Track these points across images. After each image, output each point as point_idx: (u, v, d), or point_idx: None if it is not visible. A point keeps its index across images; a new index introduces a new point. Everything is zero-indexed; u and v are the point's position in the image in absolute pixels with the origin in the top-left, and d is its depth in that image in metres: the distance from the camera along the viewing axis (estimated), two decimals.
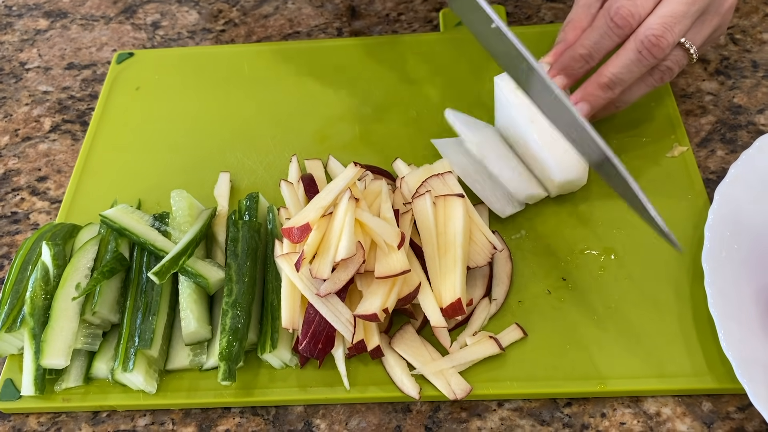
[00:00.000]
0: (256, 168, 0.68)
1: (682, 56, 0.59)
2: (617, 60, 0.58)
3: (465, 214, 0.54)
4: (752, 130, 0.67)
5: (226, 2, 0.86)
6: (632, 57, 0.57)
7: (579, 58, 0.59)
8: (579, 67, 0.60)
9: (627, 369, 0.52)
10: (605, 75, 0.58)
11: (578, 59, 0.59)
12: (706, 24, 0.59)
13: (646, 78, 0.60)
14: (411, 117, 0.70)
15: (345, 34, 0.81)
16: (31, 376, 0.54)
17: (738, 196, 0.58)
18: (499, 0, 0.81)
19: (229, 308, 0.54)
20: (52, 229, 0.61)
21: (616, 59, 0.58)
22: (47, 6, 0.89)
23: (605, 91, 0.58)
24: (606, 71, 0.58)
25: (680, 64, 0.59)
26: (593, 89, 0.59)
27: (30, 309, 0.55)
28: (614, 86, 0.58)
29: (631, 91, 0.61)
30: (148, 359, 0.54)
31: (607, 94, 0.59)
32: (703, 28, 0.59)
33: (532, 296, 0.57)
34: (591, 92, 0.59)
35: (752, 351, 0.51)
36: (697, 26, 0.58)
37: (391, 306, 0.51)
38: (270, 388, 0.54)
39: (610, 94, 0.59)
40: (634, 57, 0.57)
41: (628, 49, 0.57)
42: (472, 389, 0.52)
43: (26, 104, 0.79)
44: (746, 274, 0.55)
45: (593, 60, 0.59)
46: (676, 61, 0.59)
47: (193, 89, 0.76)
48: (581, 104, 0.59)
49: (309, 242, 0.52)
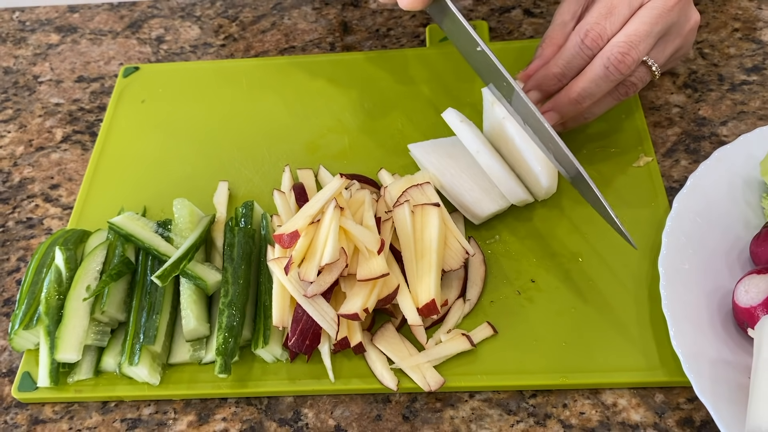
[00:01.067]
0: (252, 176, 0.73)
1: (645, 73, 0.64)
2: (585, 75, 0.62)
3: (440, 222, 0.59)
4: (715, 141, 0.71)
5: (226, 17, 0.92)
6: (599, 73, 0.61)
7: (552, 76, 0.64)
8: (552, 84, 0.64)
9: (587, 363, 0.57)
10: (574, 90, 0.63)
11: (552, 78, 0.64)
12: (669, 44, 0.64)
13: (613, 92, 0.64)
14: (397, 128, 0.75)
15: (337, 49, 0.86)
16: (46, 369, 0.60)
17: (694, 206, 0.63)
18: (482, 16, 0.86)
19: (225, 308, 0.59)
20: (64, 235, 0.67)
21: (585, 75, 0.62)
22: (58, 21, 0.95)
23: (574, 104, 0.63)
24: (575, 86, 0.63)
25: (643, 81, 0.64)
26: (563, 102, 0.63)
27: (45, 308, 0.61)
28: (583, 100, 0.63)
29: (598, 104, 0.65)
30: (152, 354, 0.60)
31: (575, 107, 0.63)
32: (666, 48, 0.64)
33: (504, 297, 0.62)
34: (561, 104, 0.64)
35: (700, 348, 0.55)
36: (660, 45, 0.63)
37: (371, 306, 0.56)
38: (262, 380, 0.60)
39: (579, 107, 0.63)
40: (602, 73, 0.61)
41: (596, 65, 0.61)
42: (445, 382, 0.57)
43: (39, 116, 0.84)
44: (699, 278, 0.59)
45: (566, 78, 0.64)
46: (640, 77, 0.64)
47: (195, 102, 0.81)
48: (551, 113, 0.64)
49: (297, 248, 0.57)
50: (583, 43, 0.62)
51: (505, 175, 0.63)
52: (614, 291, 0.61)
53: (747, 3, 0.83)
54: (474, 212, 0.64)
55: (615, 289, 0.61)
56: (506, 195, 0.64)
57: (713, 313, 0.58)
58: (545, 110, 0.64)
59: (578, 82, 0.63)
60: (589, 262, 0.63)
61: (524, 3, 0.87)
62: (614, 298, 0.61)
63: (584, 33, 0.61)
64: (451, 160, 0.67)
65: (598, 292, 0.61)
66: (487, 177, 0.65)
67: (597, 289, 0.61)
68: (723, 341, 0.56)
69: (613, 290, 0.61)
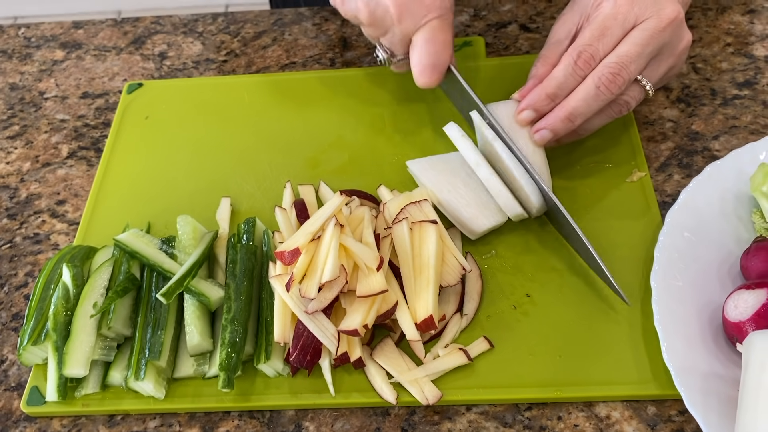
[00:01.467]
0: (254, 192, 0.75)
1: (638, 91, 0.65)
2: (577, 95, 0.64)
3: (438, 238, 0.61)
4: (707, 155, 0.73)
5: (228, 33, 0.93)
6: (591, 92, 0.63)
7: (545, 96, 0.65)
8: (546, 104, 0.66)
9: (581, 377, 0.59)
10: (566, 108, 0.64)
11: (545, 98, 0.65)
12: (662, 63, 0.65)
13: (606, 110, 0.66)
14: (396, 143, 0.77)
15: (337, 64, 0.87)
16: (54, 383, 0.61)
17: (686, 221, 0.64)
18: (479, 31, 0.87)
19: (228, 324, 0.60)
20: (71, 251, 0.69)
21: (576, 94, 0.64)
22: (63, 37, 0.96)
23: (566, 123, 0.65)
24: (567, 105, 0.64)
25: (637, 99, 0.66)
26: (555, 120, 0.65)
27: (53, 324, 0.62)
28: (575, 119, 0.64)
29: (591, 122, 0.67)
30: (157, 369, 0.61)
31: (567, 125, 0.65)
32: (659, 67, 0.65)
33: (500, 311, 0.63)
34: (553, 123, 0.65)
35: (691, 362, 0.57)
36: (653, 65, 0.65)
37: (370, 322, 0.58)
38: (265, 394, 0.61)
39: (571, 126, 0.65)
40: (593, 92, 0.63)
41: (588, 84, 0.63)
42: (442, 395, 0.59)
43: (45, 132, 0.86)
44: (690, 293, 0.61)
45: (558, 98, 0.65)
46: (633, 96, 0.65)
47: (197, 118, 0.83)
48: (543, 131, 0.65)
49: (298, 265, 0.59)
50: (576, 64, 0.63)
51: (503, 189, 0.65)
52: (607, 305, 0.63)
53: (739, 17, 0.84)
54: (471, 228, 0.66)
55: (608, 303, 0.63)
56: (504, 209, 0.66)
57: (704, 328, 0.59)
58: (538, 129, 0.65)
59: (570, 102, 0.64)
60: (582, 276, 0.65)
61: (520, 18, 0.88)
62: (607, 312, 0.62)
63: (577, 54, 0.63)
64: (448, 177, 0.68)
65: (591, 307, 0.63)
66: (483, 193, 0.67)
67: (590, 303, 0.63)
68: (714, 355, 0.58)
69: (605, 304, 0.63)
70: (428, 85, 0.67)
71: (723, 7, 0.86)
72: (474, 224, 0.66)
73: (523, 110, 0.66)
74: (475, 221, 0.66)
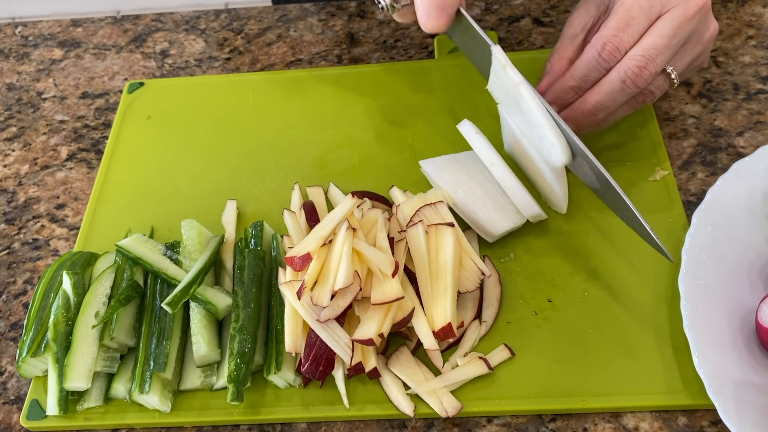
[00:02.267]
0: (261, 194, 0.72)
1: (664, 81, 0.63)
2: (601, 88, 0.61)
3: (455, 242, 0.58)
4: (732, 152, 0.70)
5: (231, 30, 0.90)
6: (616, 86, 0.60)
7: (569, 89, 0.63)
8: (570, 97, 0.64)
9: (607, 386, 0.56)
10: (590, 102, 0.62)
11: (568, 90, 0.63)
12: (688, 52, 0.63)
13: (630, 101, 0.64)
14: (407, 143, 0.74)
15: (344, 61, 0.85)
16: (55, 396, 0.59)
17: (714, 221, 0.61)
18: (491, 25, 0.84)
19: (237, 333, 0.58)
20: (71, 258, 0.66)
21: (601, 87, 0.61)
22: (61, 36, 0.94)
23: (589, 116, 0.63)
24: (591, 98, 0.62)
25: (662, 89, 0.64)
26: (578, 113, 0.63)
27: (53, 335, 0.60)
28: (598, 112, 0.62)
29: (614, 114, 0.65)
30: (163, 381, 0.59)
31: (590, 118, 0.63)
32: (685, 56, 0.63)
33: (520, 317, 0.61)
34: (576, 116, 0.63)
35: (724, 370, 0.54)
36: (679, 54, 0.62)
37: (386, 331, 0.55)
38: (275, 406, 0.58)
39: (594, 119, 0.63)
40: (618, 86, 0.60)
41: (612, 78, 0.60)
42: (462, 407, 0.56)
43: (44, 133, 0.83)
44: (720, 297, 0.58)
45: (582, 91, 0.63)
46: (659, 86, 0.63)
47: (201, 118, 0.80)
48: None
49: (309, 271, 0.56)
50: (600, 56, 0.60)
51: (520, 189, 0.62)
52: (633, 311, 0.60)
53: (761, 9, 0.81)
54: (488, 230, 0.63)
55: (633, 308, 0.60)
56: (521, 209, 0.63)
57: (736, 333, 0.57)
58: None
59: (594, 95, 0.62)
60: (605, 280, 0.62)
61: (534, 12, 0.85)
62: (633, 317, 0.59)
63: (601, 46, 0.60)
64: (463, 177, 0.65)
65: (616, 312, 0.60)
66: (500, 193, 0.64)
67: (615, 308, 0.60)
68: (747, 362, 0.55)
69: (631, 310, 0.60)
70: (435, 29, 0.60)
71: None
72: (491, 226, 0.63)
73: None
74: (492, 223, 0.63)
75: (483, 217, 0.63)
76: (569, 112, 0.64)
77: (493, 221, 0.63)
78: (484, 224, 0.63)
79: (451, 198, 0.64)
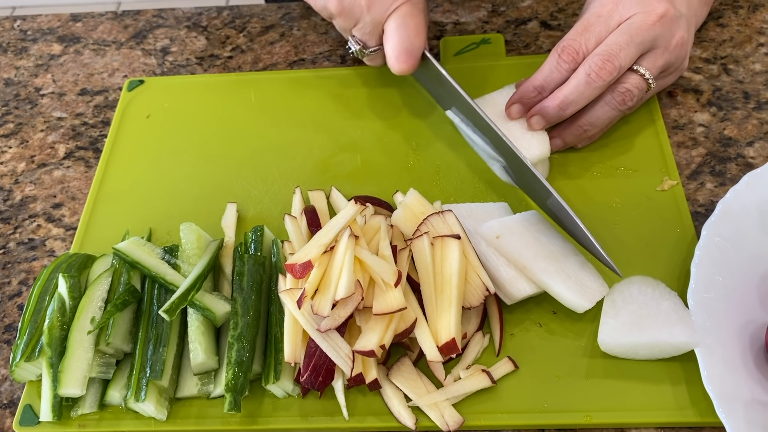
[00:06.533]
0: (262, 197, 0.71)
1: (638, 80, 0.65)
2: (569, 83, 0.65)
3: (461, 255, 0.57)
4: (741, 162, 0.69)
5: (234, 28, 0.89)
6: (581, 80, 0.63)
7: (532, 89, 0.67)
8: (533, 97, 0.67)
9: (612, 402, 0.55)
10: (558, 96, 0.65)
11: (531, 90, 0.67)
12: (658, 57, 0.65)
13: (607, 99, 0.65)
14: (411, 146, 0.73)
15: (348, 62, 0.83)
16: (48, 402, 0.58)
17: (725, 233, 0.60)
18: (498, 28, 0.83)
19: (235, 341, 0.56)
20: (67, 260, 0.65)
21: (568, 83, 0.65)
22: (61, 31, 0.92)
23: (557, 110, 0.65)
24: (559, 93, 0.65)
25: (637, 87, 0.65)
26: (547, 107, 0.66)
27: (48, 339, 0.58)
28: (566, 107, 0.65)
29: (594, 114, 0.66)
30: (159, 388, 0.57)
31: (559, 113, 0.65)
32: (656, 60, 0.65)
33: (524, 329, 0.59)
34: (545, 109, 0.66)
35: (733, 388, 0.53)
36: (649, 57, 0.65)
37: (388, 342, 0.54)
38: (273, 416, 0.57)
39: (563, 114, 0.65)
40: (584, 80, 0.63)
41: (578, 73, 0.64)
42: (464, 421, 0.55)
43: (41, 130, 0.82)
44: (730, 312, 0.57)
45: (545, 91, 0.66)
46: (633, 83, 0.65)
47: (202, 117, 0.78)
48: (537, 117, 0.66)
49: (310, 280, 0.55)
50: (560, 58, 0.64)
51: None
52: None
53: None
54: (509, 291, 0.58)
55: None
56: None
57: (745, 350, 0.55)
58: (531, 114, 0.66)
59: (562, 90, 0.65)
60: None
61: (541, 15, 0.84)
62: None
63: (561, 49, 0.64)
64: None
65: None
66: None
67: None
68: (756, 380, 0.54)
69: None
70: (404, 71, 0.67)
71: (755, 4, 0.81)
72: (513, 288, 0.58)
73: (513, 104, 0.68)
74: (513, 284, 0.58)
75: (505, 276, 0.59)
76: (539, 108, 0.66)
77: (515, 282, 0.58)
78: (506, 284, 0.58)
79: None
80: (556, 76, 0.65)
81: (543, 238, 0.60)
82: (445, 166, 0.70)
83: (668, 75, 0.69)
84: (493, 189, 0.68)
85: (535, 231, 0.61)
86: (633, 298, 0.57)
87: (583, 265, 0.59)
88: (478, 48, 0.80)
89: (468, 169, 0.70)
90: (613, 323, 0.56)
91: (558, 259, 0.59)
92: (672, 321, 0.55)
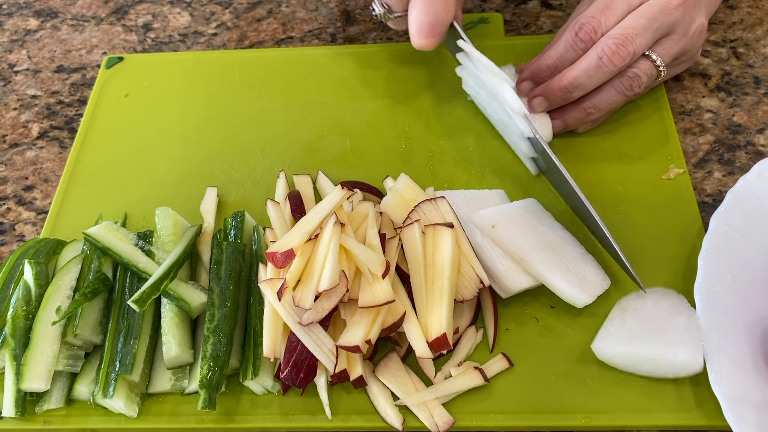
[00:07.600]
0: (244, 181, 0.67)
1: (649, 66, 0.61)
2: (579, 65, 0.61)
3: (454, 245, 0.53)
4: (751, 151, 0.65)
5: (219, 4, 0.85)
6: (593, 63, 0.59)
7: (545, 68, 0.63)
8: (545, 76, 0.63)
9: (613, 403, 0.52)
10: (566, 78, 0.61)
11: (545, 69, 0.63)
12: (674, 43, 0.61)
13: (615, 83, 0.62)
14: (402, 131, 0.69)
15: (339, 40, 0.79)
16: (12, 397, 0.54)
17: (734, 225, 0.57)
18: (497, 7, 0.79)
19: (211, 334, 0.53)
20: (36, 245, 0.61)
21: (578, 64, 0.61)
22: (38, 5, 0.88)
23: (564, 92, 0.61)
24: (567, 74, 0.61)
25: (647, 74, 0.61)
26: (553, 88, 0.62)
27: (11, 330, 0.55)
28: (573, 89, 0.61)
29: (599, 97, 0.63)
30: (129, 384, 0.54)
31: (565, 95, 0.62)
32: (671, 47, 0.61)
33: (520, 324, 0.56)
34: (550, 90, 0.62)
35: (742, 388, 0.50)
36: (663, 44, 0.61)
37: (374, 337, 0.50)
38: (251, 414, 0.54)
39: (569, 96, 0.62)
40: (594, 63, 0.59)
41: (590, 55, 0.60)
42: (455, 422, 0.51)
43: (14, 108, 0.78)
44: (740, 307, 0.53)
45: (558, 70, 0.63)
46: (643, 70, 0.61)
47: (183, 97, 0.74)
48: (540, 98, 0.63)
49: (292, 270, 0.51)
50: (577, 36, 0.60)
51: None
52: None
53: None
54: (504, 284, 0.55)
55: None
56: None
57: (755, 349, 0.52)
58: (535, 95, 0.63)
59: (571, 71, 0.61)
60: (613, 285, 0.57)
61: None
62: None
63: (579, 26, 0.60)
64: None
65: None
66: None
67: None
68: (766, 381, 0.50)
69: None
70: (425, 47, 0.62)
71: None
72: (509, 280, 0.55)
73: (523, 81, 0.64)
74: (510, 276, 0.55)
75: (501, 268, 0.55)
76: (545, 87, 0.62)
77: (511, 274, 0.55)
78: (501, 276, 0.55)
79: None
80: (571, 56, 0.61)
81: (541, 228, 0.56)
82: (439, 150, 0.67)
83: (680, 63, 0.65)
84: (491, 175, 0.65)
85: (533, 220, 0.57)
86: (647, 310, 0.53)
87: (583, 257, 0.55)
88: (475, 28, 0.76)
89: (463, 155, 0.66)
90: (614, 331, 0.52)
91: (557, 250, 0.55)
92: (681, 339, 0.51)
